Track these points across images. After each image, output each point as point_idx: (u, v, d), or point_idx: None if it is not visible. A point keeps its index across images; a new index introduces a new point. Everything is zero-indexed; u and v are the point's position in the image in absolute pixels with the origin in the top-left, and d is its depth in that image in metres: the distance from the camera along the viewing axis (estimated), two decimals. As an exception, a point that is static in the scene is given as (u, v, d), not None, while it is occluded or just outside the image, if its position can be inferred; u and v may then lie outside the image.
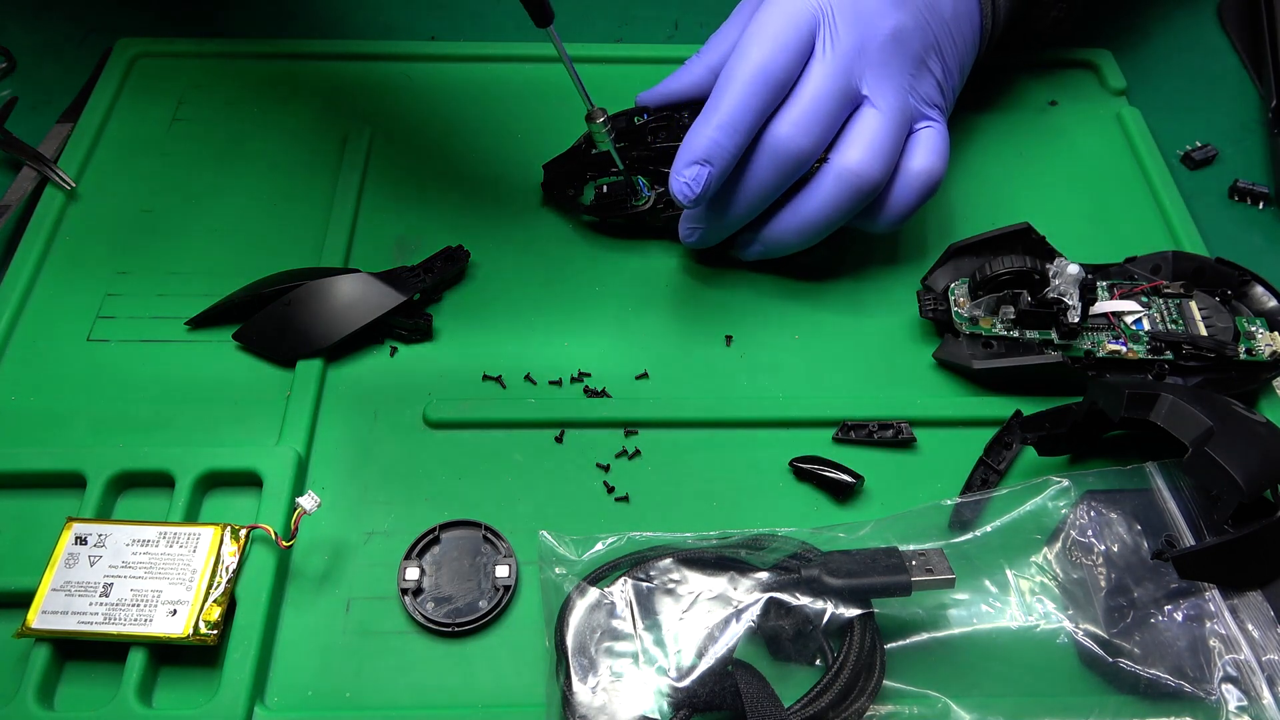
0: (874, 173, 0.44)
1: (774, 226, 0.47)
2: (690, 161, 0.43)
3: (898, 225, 0.47)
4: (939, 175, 0.46)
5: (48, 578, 0.37)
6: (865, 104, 0.45)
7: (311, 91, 0.57)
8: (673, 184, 0.44)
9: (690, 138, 0.43)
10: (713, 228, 0.47)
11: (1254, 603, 0.37)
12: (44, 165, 0.52)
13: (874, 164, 0.44)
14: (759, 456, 0.44)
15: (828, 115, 0.44)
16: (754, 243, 0.48)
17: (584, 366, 0.46)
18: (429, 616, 0.39)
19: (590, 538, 0.39)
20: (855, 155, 0.44)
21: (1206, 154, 0.56)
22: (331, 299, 0.45)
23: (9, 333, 0.46)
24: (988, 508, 0.40)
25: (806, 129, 0.43)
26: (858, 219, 0.47)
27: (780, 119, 0.43)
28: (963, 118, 0.56)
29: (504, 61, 0.58)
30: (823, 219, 0.45)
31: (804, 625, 0.36)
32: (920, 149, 0.46)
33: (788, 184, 0.45)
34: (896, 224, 0.47)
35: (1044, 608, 0.37)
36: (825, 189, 0.45)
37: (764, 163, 0.44)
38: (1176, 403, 0.38)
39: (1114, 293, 0.46)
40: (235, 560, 0.38)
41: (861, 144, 0.44)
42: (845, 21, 0.44)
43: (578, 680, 0.35)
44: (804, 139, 0.43)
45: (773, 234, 0.47)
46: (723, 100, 0.43)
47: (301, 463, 0.42)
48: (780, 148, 0.44)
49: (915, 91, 0.46)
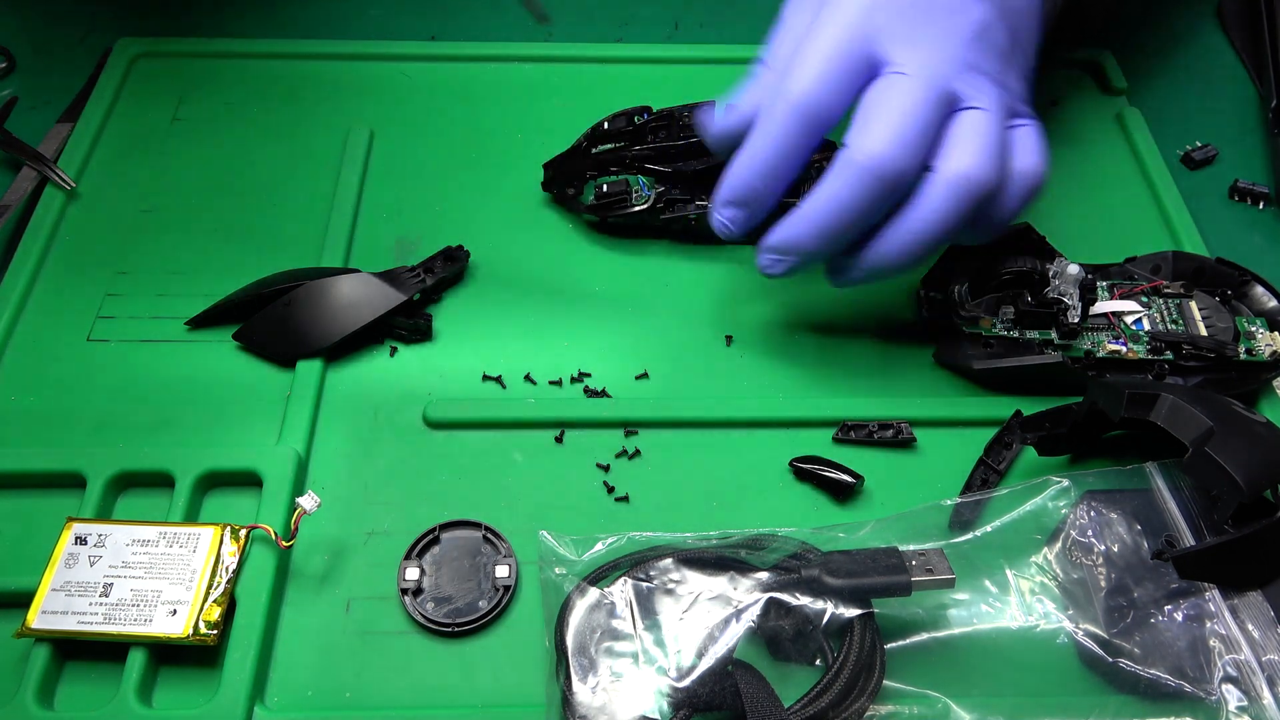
0: (988, 176, 0.40)
1: (876, 248, 0.41)
2: (727, 201, 0.42)
3: (1001, 233, 0.43)
4: (1044, 176, 0.42)
5: (48, 578, 0.37)
6: (963, 106, 0.40)
7: (311, 91, 0.57)
8: (712, 220, 0.43)
9: (730, 173, 0.41)
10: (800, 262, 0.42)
11: (1254, 603, 0.36)
12: (44, 165, 0.52)
13: (986, 166, 0.40)
14: (759, 456, 0.44)
15: (924, 125, 0.39)
16: (852, 269, 0.42)
17: (584, 366, 0.46)
18: (429, 616, 0.39)
19: (590, 538, 0.39)
20: (965, 160, 0.39)
21: (1206, 154, 0.56)
22: (331, 299, 0.45)
23: (9, 333, 0.46)
24: (988, 508, 0.40)
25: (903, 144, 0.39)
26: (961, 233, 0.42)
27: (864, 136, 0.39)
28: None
29: (504, 61, 0.58)
30: (933, 234, 0.40)
31: (804, 625, 0.36)
32: (1021, 149, 0.42)
33: (885, 207, 0.40)
34: (1000, 231, 0.43)
35: (1044, 608, 0.37)
36: (935, 201, 0.40)
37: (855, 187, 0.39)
38: (1176, 403, 0.38)
39: (1114, 293, 0.46)
40: (235, 560, 0.38)
41: (970, 147, 0.40)
42: (918, 25, 0.40)
43: (578, 680, 0.35)
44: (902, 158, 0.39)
45: (875, 257, 0.41)
46: (759, 140, 0.40)
47: (301, 463, 0.42)
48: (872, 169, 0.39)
49: (1007, 87, 0.42)
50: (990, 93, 0.41)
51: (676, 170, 0.49)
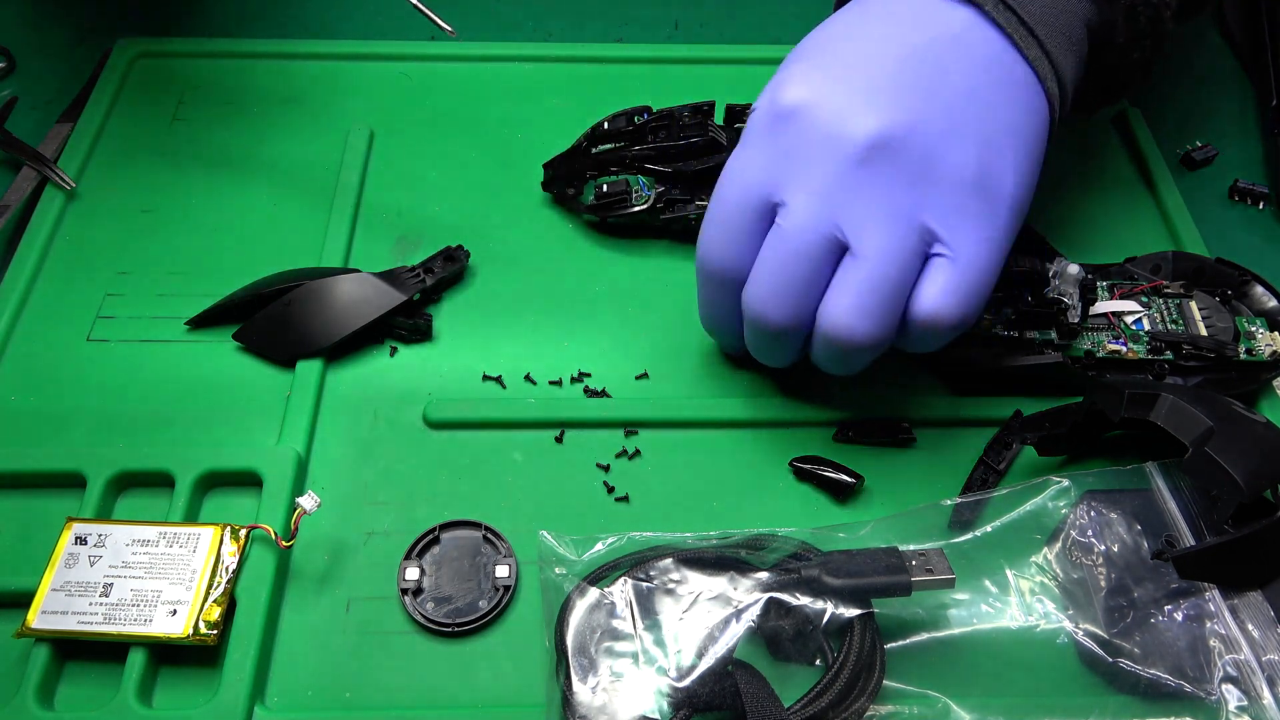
0: (857, 333, 0.37)
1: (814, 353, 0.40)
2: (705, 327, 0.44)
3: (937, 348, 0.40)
4: (950, 318, 0.37)
5: (48, 578, 0.37)
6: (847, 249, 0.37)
7: (311, 91, 0.57)
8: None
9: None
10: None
11: (1254, 603, 0.37)
12: (44, 165, 0.52)
13: (855, 324, 0.36)
14: (759, 456, 0.44)
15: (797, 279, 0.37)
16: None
17: (584, 366, 0.46)
18: (429, 616, 0.39)
19: (590, 538, 0.39)
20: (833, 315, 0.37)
21: (1206, 154, 0.56)
22: (331, 299, 0.45)
23: (9, 333, 0.46)
24: (988, 508, 0.40)
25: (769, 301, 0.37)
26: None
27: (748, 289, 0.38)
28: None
29: (504, 61, 0.58)
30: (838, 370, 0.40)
31: (804, 625, 0.36)
32: (928, 285, 0.37)
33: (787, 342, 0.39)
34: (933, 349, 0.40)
35: (1044, 608, 0.37)
36: (819, 349, 0.39)
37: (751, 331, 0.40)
38: (1176, 403, 0.38)
39: (1114, 293, 0.46)
40: (235, 560, 0.38)
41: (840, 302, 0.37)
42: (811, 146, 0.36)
43: (578, 680, 0.35)
44: (773, 313, 0.37)
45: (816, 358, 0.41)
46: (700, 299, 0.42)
47: (301, 463, 0.42)
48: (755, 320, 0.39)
49: (926, 209, 0.36)
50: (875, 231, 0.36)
51: (676, 170, 0.49)
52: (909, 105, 0.36)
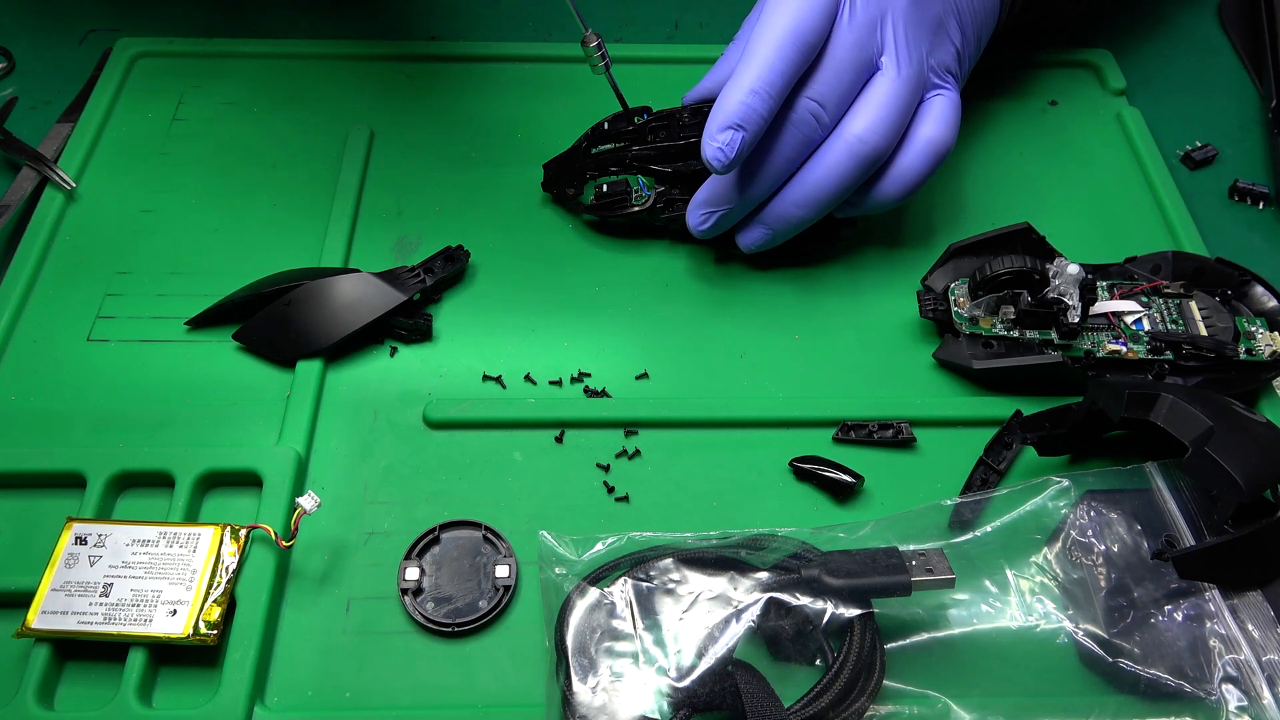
0: (879, 142, 0.44)
1: (778, 203, 0.46)
2: (723, 126, 0.42)
3: (904, 198, 0.46)
4: (947, 145, 0.46)
5: (48, 578, 0.37)
6: (879, 70, 0.45)
7: (311, 91, 0.57)
8: (705, 149, 0.43)
9: (722, 101, 0.42)
10: (728, 209, 0.46)
11: (1254, 603, 0.37)
12: (44, 165, 0.52)
13: (880, 133, 0.44)
14: (759, 456, 0.44)
15: (848, 85, 0.44)
16: (756, 226, 0.47)
17: (584, 366, 0.46)
18: (429, 616, 0.39)
19: (590, 538, 0.39)
20: (862, 123, 0.44)
21: (1206, 154, 0.56)
22: (331, 299, 0.45)
23: (9, 333, 0.46)
24: (988, 508, 0.40)
25: (827, 99, 0.44)
26: (864, 192, 0.46)
27: (806, 89, 0.43)
28: (963, 117, 0.56)
29: (504, 61, 0.58)
30: (828, 190, 0.45)
31: (804, 625, 0.36)
32: (930, 118, 0.46)
33: (807, 154, 0.45)
34: (902, 196, 0.46)
35: (1044, 608, 0.37)
36: (831, 158, 0.44)
37: (790, 132, 0.44)
38: (1176, 403, 0.38)
39: (1114, 293, 0.46)
40: (235, 560, 0.38)
41: (869, 112, 0.44)
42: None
43: (578, 680, 0.35)
44: (825, 110, 0.44)
45: (777, 212, 0.46)
46: (753, 63, 0.42)
47: (301, 463, 0.42)
48: (806, 118, 0.44)
49: (931, 58, 0.46)
50: (905, 62, 0.45)
51: (676, 170, 0.49)
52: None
